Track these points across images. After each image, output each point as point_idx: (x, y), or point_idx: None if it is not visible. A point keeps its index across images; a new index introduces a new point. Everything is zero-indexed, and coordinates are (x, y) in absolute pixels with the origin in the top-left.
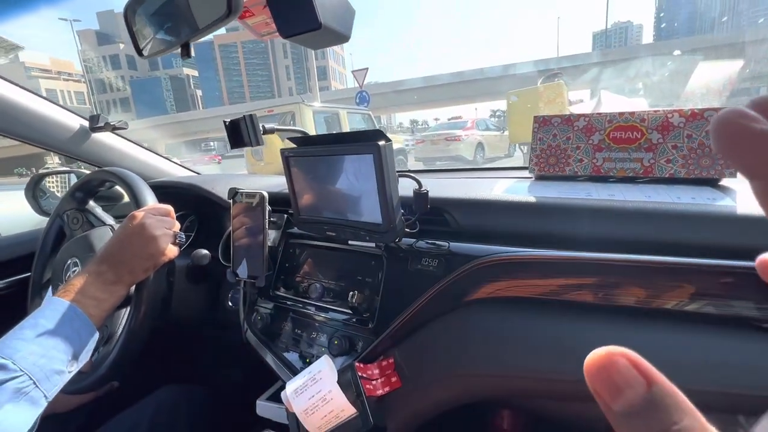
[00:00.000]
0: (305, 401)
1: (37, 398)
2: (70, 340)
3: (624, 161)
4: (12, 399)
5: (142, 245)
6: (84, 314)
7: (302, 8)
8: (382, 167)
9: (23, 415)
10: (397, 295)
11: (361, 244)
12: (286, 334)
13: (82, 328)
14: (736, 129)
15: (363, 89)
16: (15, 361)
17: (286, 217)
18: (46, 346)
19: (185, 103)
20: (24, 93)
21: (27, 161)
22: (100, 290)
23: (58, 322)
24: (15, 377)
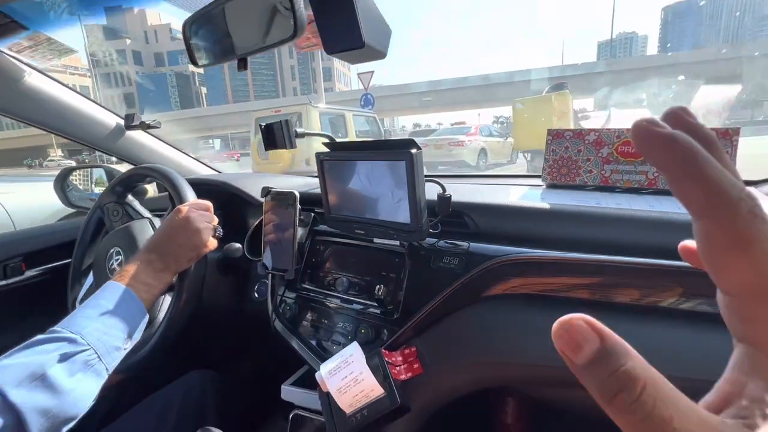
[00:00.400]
0: (339, 381)
1: (101, 370)
2: (126, 320)
3: (630, 173)
4: (82, 369)
5: (187, 237)
6: (137, 297)
7: (348, 28)
8: (414, 172)
9: (92, 385)
10: (420, 289)
11: (385, 242)
12: (312, 324)
13: (135, 310)
14: (644, 132)
15: (368, 92)
16: (83, 336)
17: (313, 215)
18: (107, 324)
19: (190, 100)
20: (68, 91)
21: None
22: (150, 277)
23: (116, 303)
24: (83, 350)
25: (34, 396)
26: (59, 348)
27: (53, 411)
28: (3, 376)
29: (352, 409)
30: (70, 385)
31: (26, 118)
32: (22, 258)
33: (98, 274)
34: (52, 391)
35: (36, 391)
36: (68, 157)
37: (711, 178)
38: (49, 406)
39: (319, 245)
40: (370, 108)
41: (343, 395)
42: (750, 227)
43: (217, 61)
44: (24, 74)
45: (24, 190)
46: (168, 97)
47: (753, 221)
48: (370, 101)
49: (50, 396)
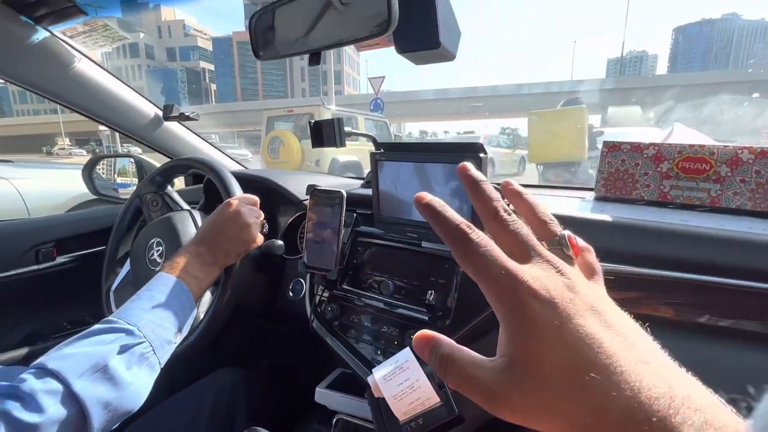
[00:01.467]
0: (395, 387)
1: (154, 364)
2: (177, 313)
3: (691, 190)
4: (138, 362)
5: (237, 231)
6: (188, 290)
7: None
8: None
9: (147, 378)
10: (473, 297)
11: (433, 247)
12: (353, 326)
13: (186, 303)
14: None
15: (378, 97)
16: (139, 328)
17: (356, 216)
18: (161, 316)
19: (198, 96)
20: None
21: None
22: (200, 270)
23: (168, 295)
24: (140, 343)
25: (97, 388)
26: (118, 339)
27: (113, 404)
28: (66, 365)
29: (407, 417)
30: (129, 378)
31: (72, 103)
32: (54, 244)
33: (136, 264)
34: (113, 384)
35: (98, 382)
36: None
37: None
38: (110, 398)
39: (360, 247)
40: (379, 112)
41: (399, 402)
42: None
43: (285, 54)
44: (74, 60)
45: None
46: (177, 92)
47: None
48: (380, 106)
49: (111, 388)
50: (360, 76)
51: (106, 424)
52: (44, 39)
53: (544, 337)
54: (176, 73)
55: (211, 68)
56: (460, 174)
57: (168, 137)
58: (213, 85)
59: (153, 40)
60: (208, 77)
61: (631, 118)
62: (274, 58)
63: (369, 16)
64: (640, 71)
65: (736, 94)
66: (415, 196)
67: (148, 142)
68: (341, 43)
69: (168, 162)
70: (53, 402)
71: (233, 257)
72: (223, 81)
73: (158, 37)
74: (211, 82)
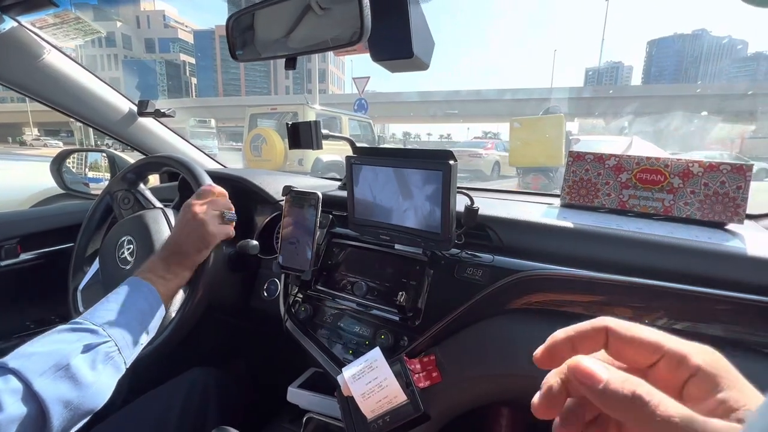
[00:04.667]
0: (363, 386)
1: (119, 364)
2: (144, 313)
3: (647, 199)
4: (103, 361)
5: (193, 229)
6: (155, 290)
7: (399, 38)
8: (449, 183)
9: (111, 378)
10: (441, 298)
11: (406, 249)
12: (326, 326)
13: (153, 303)
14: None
15: (362, 97)
16: (104, 328)
17: (331, 217)
18: (128, 317)
19: (178, 90)
20: (84, 72)
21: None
22: (167, 271)
23: (135, 297)
24: (104, 342)
25: (58, 386)
26: (82, 338)
27: (74, 403)
28: (28, 364)
29: (374, 415)
30: (91, 378)
31: (40, 96)
32: (18, 240)
33: (105, 262)
34: (74, 383)
35: (59, 381)
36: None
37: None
38: (71, 397)
39: (335, 248)
40: (363, 113)
41: (367, 400)
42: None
43: (262, 57)
44: (43, 52)
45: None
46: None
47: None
48: (364, 106)
49: (73, 387)
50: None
51: (66, 423)
52: (12, 29)
53: None
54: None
55: (191, 61)
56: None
57: (142, 133)
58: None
59: (131, 30)
60: (188, 71)
61: (595, 128)
62: (252, 60)
63: (345, 23)
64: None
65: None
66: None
67: (121, 138)
68: (317, 49)
69: (141, 159)
70: (13, 400)
71: (194, 254)
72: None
73: (136, 26)
74: (192, 76)
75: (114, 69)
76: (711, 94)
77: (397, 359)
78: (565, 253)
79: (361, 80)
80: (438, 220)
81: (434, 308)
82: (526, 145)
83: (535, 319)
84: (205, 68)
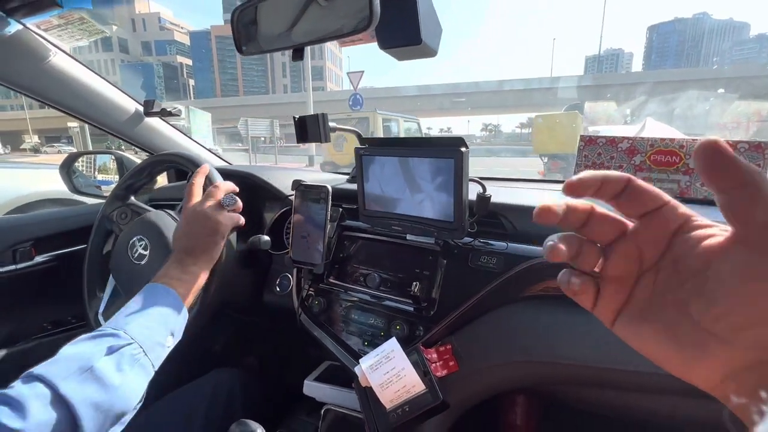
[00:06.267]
0: (381, 376)
1: (147, 365)
2: (166, 315)
3: (663, 181)
4: (129, 363)
5: (200, 226)
6: (175, 293)
7: (407, 24)
8: (462, 171)
9: (139, 380)
10: (456, 287)
11: (417, 240)
12: (341, 319)
13: (175, 305)
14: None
15: (357, 92)
16: (126, 331)
17: (341, 210)
18: (149, 319)
19: (176, 92)
20: (90, 74)
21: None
22: (183, 272)
23: (157, 300)
24: (128, 344)
25: (85, 388)
26: (104, 341)
27: (104, 405)
28: (52, 369)
29: (393, 405)
30: (118, 380)
31: (47, 98)
32: (32, 243)
33: (120, 265)
34: (101, 384)
35: (86, 383)
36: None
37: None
38: (100, 399)
39: (346, 241)
40: (359, 108)
41: (386, 390)
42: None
43: (270, 49)
44: (49, 54)
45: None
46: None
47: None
48: (359, 101)
49: (100, 389)
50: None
51: (99, 427)
52: (18, 32)
53: None
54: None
55: (188, 63)
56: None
57: (150, 133)
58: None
59: (127, 34)
60: (185, 72)
61: (607, 112)
62: (257, 53)
63: (352, 11)
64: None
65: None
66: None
67: (128, 139)
68: (324, 38)
69: (127, 174)
70: (41, 405)
71: (209, 251)
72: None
73: (132, 30)
74: (189, 78)
75: (112, 73)
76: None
77: (414, 349)
78: None
79: (355, 74)
80: (450, 208)
81: (449, 297)
82: (549, 136)
83: (552, 306)
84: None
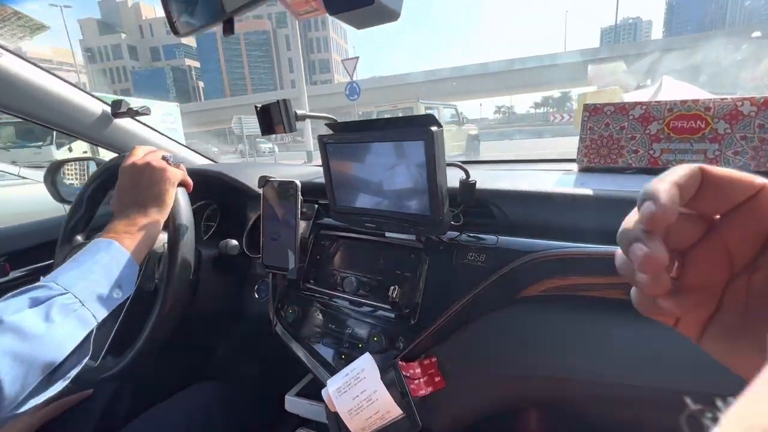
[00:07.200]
0: (349, 401)
1: (85, 316)
2: (108, 266)
3: (685, 153)
4: (61, 313)
5: (143, 175)
6: (119, 245)
7: None
8: (434, 155)
9: (73, 329)
10: (441, 290)
11: (398, 237)
12: (318, 329)
13: (118, 256)
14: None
15: (353, 80)
16: (58, 282)
17: (317, 207)
18: (86, 271)
19: (187, 94)
20: (47, 76)
21: None
22: (132, 224)
23: (95, 252)
24: (60, 294)
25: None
26: (28, 294)
27: (24, 354)
28: None
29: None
30: (42, 329)
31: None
32: (6, 258)
33: None
34: (19, 335)
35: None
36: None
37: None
38: (18, 349)
39: (324, 240)
40: (355, 97)
41: (355, 417)
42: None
43: (202, 25)
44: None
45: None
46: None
47: None
48: (356, 90)
49: (18, 340)
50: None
51: (22, 378)
52: None
53: None
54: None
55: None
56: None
57: (121, 135)
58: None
59: (135, 40)
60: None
61: (615, 74)
62: (193, 32)
63: None
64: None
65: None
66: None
67: (99, 143)
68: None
69: (69, 213)
70: None
71: (159, 198)
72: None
73: (140, 36)
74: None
75: (124, 81)
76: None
77: (391, 365)
78: (584, 227)
79: (350, 62)
80: (426, 200)
81: (432, 302)
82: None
83: (555, 308)
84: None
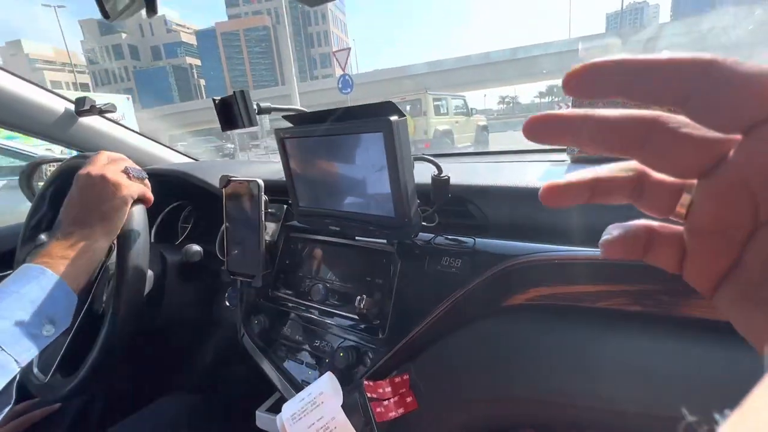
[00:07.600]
0: (304, 430)
1: (6, 363)
2: (37, 301)
3: None
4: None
5: (96, 191)
6: (53, 273)
7: None
8: (395, 148)
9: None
10: (413, 299)
11: (370, 240)
12: (286, 341)
13: (51, 288)
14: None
15: (346, 73)
16: None
17: (286, 208)
18: (11, 308)
19: (188, 93)
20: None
21: None
22: (71, 248)
23: (24, 283)
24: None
25: None
26: None
27: None
28: None
29: None
30: None
31: None
32: None
33: None
34: None
35: None
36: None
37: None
38: None
39: (293, 243)
40: (349, 90)
41: None
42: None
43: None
44: None
45: None
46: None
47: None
48: (349, 83)
49: None
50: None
51: None
52: None
53: None
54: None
55: (197, 63)
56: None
57: (89, 134)
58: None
59: (136, 40)
60: (196, 73)
61: (608, 52)
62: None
63: None
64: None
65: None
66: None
67: (64, 143)
68: None
69: (30, 211)
70: None
71: (109, 218)
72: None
73: (140, 36)
74: (200, 78)
75: (126, 81)
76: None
77: (355, 386)
78: (576, 226)
79: (342, 53)
80: (390, 200)
81: (405, 313)
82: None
83: (542, 320)
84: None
